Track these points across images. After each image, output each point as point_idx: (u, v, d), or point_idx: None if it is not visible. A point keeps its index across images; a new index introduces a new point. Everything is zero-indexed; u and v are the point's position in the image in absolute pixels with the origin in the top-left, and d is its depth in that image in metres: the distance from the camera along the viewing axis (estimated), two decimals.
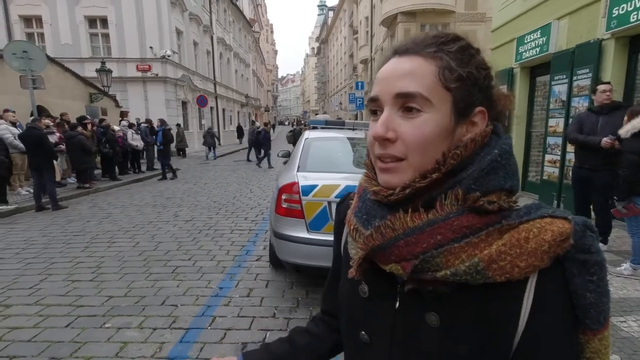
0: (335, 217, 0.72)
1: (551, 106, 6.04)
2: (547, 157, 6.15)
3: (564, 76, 5.68)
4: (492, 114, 0.52)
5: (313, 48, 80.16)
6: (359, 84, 21.21)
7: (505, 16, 7.63)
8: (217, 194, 7.97)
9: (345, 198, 0.70)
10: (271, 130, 19.50)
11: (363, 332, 0.58)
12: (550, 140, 6.06)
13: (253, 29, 39.66)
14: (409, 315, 0.52)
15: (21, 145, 6.74)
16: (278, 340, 0.73)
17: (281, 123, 75.66)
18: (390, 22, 17.98)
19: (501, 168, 0.48)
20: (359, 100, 20.45)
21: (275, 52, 77.68)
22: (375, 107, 0.52)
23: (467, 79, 0.49)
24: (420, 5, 16.08)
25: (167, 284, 3.39)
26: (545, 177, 6.26)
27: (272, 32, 65.55)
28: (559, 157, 5.81)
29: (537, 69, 6.85)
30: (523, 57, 6.88)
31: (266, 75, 60.83)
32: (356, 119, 23.24)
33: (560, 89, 5.80)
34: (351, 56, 33.66)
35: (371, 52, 24.75)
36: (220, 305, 2.98)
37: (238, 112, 31.64)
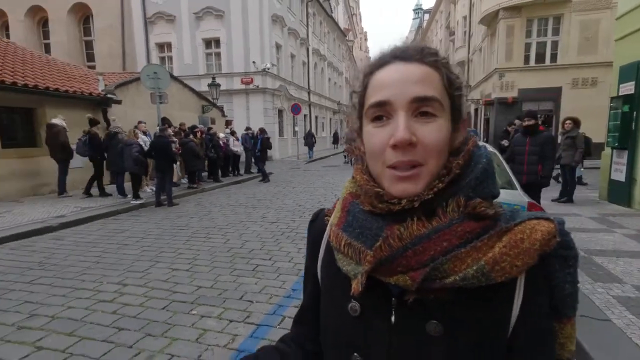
0: (309, 236, 0.69)
1: None
2: None
3: None
4: None
5: None
6: None
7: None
8: (303, 198, 8.31)
9: (317, 216, 0.69)
10: None
11: (356, 354, 0.55)
12: None
13: (347, 38, 40.55)
14: (407, 328, 0.51)
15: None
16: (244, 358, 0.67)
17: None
18: (490, 19, 16.45)
19: (490, 176, 0.52)
20: None
21: (369, 59, 78.10)
22: (381, 112, 0.50)
23: (460, 89, 0.52)
24: None
25: (246, 280, 3.65)
26: None
27: (365, 39, 66.10)
28: None
29: None
30: None
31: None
32: None
33: None
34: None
35: (468, 53, 23.05)
36: (291, 307, 3.08)
37: (330, 119, 32.62)
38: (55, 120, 7.83)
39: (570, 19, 14.44)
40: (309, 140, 19.58)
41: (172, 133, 9.70)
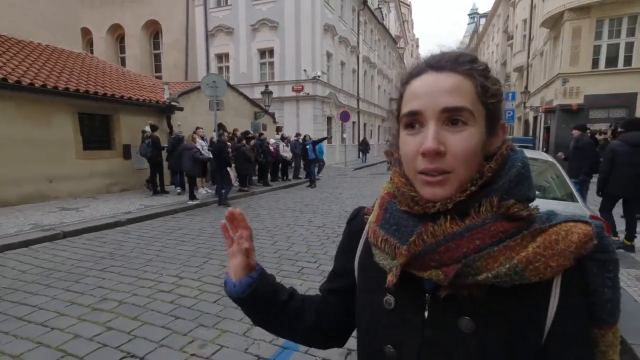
0: (347, 231, 0.73)
1: None
2: None
3: None
4: None
5: None
6: (510, 94, 18.87)
7: None
8: (350, 204, 8.35)
9: (357, 214, 0.72)
10: None
11: (389, 346, 0.58)
12: None
13: (398, 45, 40.09)
14: (440, 323, 0.53)
15: (209, 155, 8.77)
16: (278, 284, 0.73)
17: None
18: (554, 22, 15.33)
19: (525, 179, 0.53)
20: (508, 113, 18.12)
21: (406, 67, 76.34)
22: (413, 120, 0.53)
23: (496, 96, 0.53)
24: None
25: (292, 281, 3.77)
26: None
27: (417, 46, 64.74)
28: None
29: None
30: None
31: None
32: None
33: None
34: (503, 64, 30.27)
35: (528, 57, 21.66)
36: None
37: (379, 127, 32.36)
38: (146, 128, 9.09)
39: None
40: (362, 147, 22.39)
41: (226, 138, 10.33)
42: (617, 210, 4.77)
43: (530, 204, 0.53)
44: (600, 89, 13.81)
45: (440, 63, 0.53)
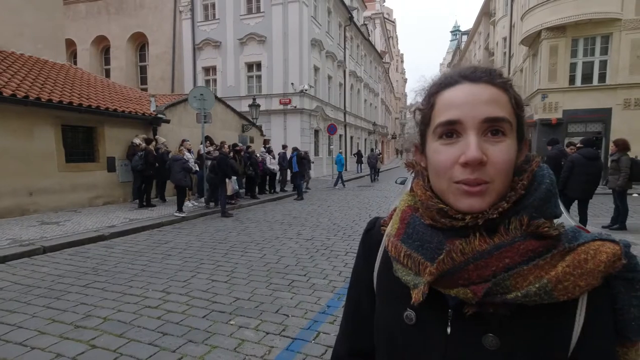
0: (364, 244, 0.71)
1: None
2: None
3: None
4: None
5: None
6: None
7: None
8: (338, 217, 8.35)
9: (373, 225, 0.71)
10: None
11: None
12: None
13: (383, 60, 41.00)
14: (464, 340, 0.52)
15: (196, 167, 8.86)
16: None
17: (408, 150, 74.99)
18: (532, 40, 15.99)
19: (553, 197, 0.52)
20: None
21: (405, 80, 78.06)
22: (451, 130, 0.52)
23: (523, 109, 0.54)
24: (572, 18, 13.71)
25: (282, 294, 3.72)
26: None
27: (402, 61, 66.37)
28: None
29: None
30: None
31: (394, 104, 61.47)
32: None
33: None
34: None
35: (509, 73, 22.43)
36: (326, 322, 3.10)
37: (365, 140, 32.72)
38: (136, 140, 9.28)
39: (621, 38, 13.73)
40: (359, 158, 24.07)
41: (213, 150, 10.27)
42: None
43: (555, 221, 0.52)
44: (577, 104, 14.37)
45: (476, 74, 0.53)
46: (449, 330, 0.54)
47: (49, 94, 8.06)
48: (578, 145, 6.36)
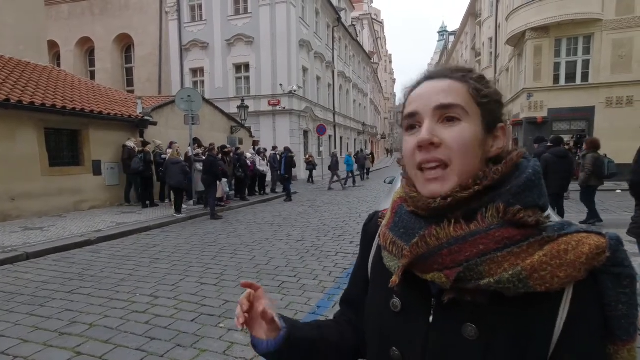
0: (363, 235, 0.75)
1: None
2: None
3: None
4: None
5: None
6: None
7: None
8: (328, 217, 8.36)
9: (372, 217, 0.75)
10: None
11: (394, 348, 0.58)
12: None
13: (372, 60, 41.20)
14: (444, 328, 0.53)
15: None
16: (308, 325, 0.69)
17: (397, 150, 75.77)
18: (517, 40, 16.28)
19: (535, 187, 0.52)
20: None
21: (394, 80, 78.64)
22: (413, 122, 0.56)
23: (491, 97, 0.56)
24: (555, 19, 14.02)
25: (272, 296, 3.69)
26: None
27: (390, 62, 66.84)
28: None
29: None
30: None
31: (384, 104, 61.84)
32: None
33: None
34: None
35: (495, 73, 22.81)
36: None
37: (355, 140, 32.83)
38: (128, 143, 9.32)
39: (602, 38, 14.07)
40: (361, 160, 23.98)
41: (201, 152, 10.17)
42: None
43: (542, 214, 0.52)
44: (562, 102, 14.67)
45: (437, 73, 0.58)
46: (431, 318, 0.55)
47: (31, 97, 7.87)
48: (549, 144, 6.50)
